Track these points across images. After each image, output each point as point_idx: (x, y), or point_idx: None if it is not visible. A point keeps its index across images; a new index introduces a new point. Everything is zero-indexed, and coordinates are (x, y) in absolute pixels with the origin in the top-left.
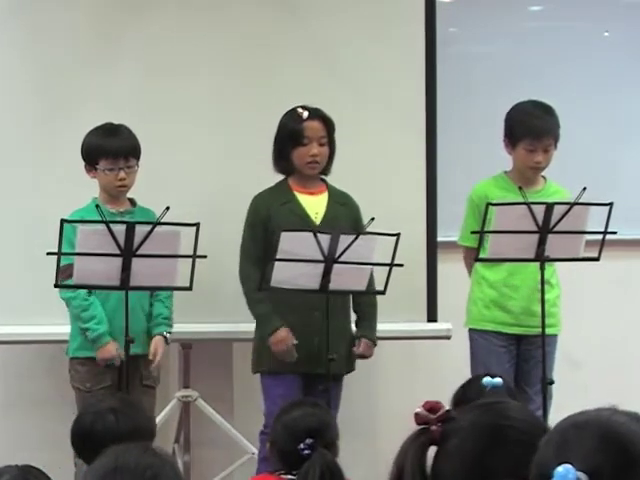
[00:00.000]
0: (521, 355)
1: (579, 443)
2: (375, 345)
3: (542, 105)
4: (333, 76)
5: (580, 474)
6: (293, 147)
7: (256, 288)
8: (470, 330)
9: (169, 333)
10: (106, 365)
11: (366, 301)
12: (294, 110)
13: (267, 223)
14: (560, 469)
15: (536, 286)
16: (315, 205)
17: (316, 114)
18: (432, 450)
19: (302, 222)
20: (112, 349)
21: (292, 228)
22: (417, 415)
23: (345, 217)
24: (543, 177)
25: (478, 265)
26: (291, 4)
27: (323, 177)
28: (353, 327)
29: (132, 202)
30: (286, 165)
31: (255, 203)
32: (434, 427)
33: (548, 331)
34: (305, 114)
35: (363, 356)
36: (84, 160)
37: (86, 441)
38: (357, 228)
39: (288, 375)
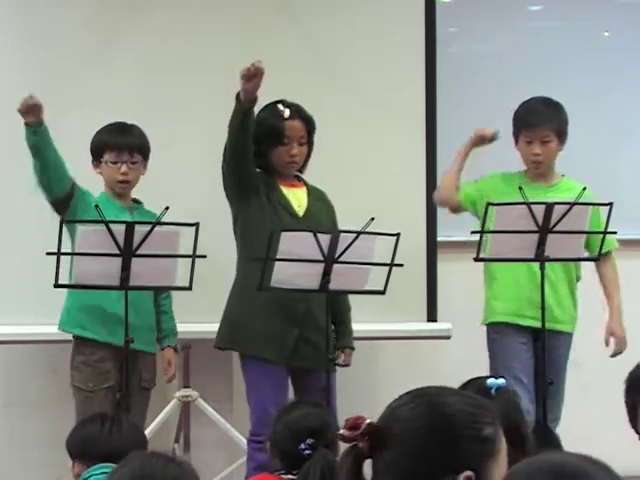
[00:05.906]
0: (534, 352)
1: None
2: (354, 349)
3: (545, 100)
4: (333, 76)
5: None
6: (273, 146)
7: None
8: (488, 326)
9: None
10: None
11: (342, 307)
12: (274, 106)
13: (259, 188)
14: None
15: (564, 279)
16: (297, 197)
17: (298, 114)
18: None
19: (285, 212)
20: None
21: (279, 220)
22: (342, 437)
23: (325, 213)
24: (562, 176)
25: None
26: (291, 5)
27: (298, 174)
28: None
29: (137, 202)
30: (264, 163)
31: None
32: (361, 443)
33: (565, 328)
34: (287, 112)
35: (346, 365)
36: (91, 154)
37: (87, 446)
38: (334, 225)
39: (277, 364)
